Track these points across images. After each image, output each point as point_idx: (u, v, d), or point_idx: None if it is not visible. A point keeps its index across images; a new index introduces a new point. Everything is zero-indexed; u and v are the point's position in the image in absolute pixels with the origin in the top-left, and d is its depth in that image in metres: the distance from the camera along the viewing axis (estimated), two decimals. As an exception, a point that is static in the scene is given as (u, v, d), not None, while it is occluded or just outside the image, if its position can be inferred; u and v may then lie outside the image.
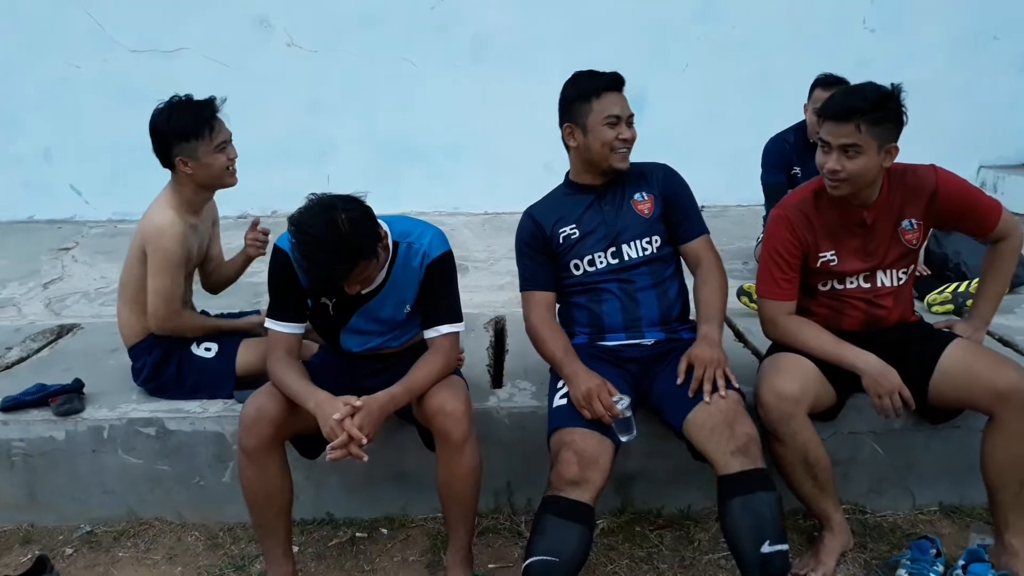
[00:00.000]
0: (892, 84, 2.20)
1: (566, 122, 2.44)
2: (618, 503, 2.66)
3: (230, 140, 2.61)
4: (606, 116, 2.37)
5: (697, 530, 2.57)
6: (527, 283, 2.50)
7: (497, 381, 2.85)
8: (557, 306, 2.54)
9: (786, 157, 3.94)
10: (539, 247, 2.48)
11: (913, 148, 2.35)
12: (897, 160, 2.28)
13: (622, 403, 2.18)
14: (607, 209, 2.46)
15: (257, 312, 2.98)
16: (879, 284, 2.43)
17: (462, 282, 2.39)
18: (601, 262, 2.45)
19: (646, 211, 2.46)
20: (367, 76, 5.49)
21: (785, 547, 2.04)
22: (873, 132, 2.16)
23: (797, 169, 3.91)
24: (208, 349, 2.69)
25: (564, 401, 2.28)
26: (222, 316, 2.92)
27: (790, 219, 2.39)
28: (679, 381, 2.26)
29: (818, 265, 2.41)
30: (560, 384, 2.33)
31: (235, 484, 2.28)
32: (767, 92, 5.22)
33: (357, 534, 2.62)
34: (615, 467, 2.22)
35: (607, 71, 2.42)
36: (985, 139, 5.55)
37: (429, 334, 2.29)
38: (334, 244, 1.97)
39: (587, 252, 2.45)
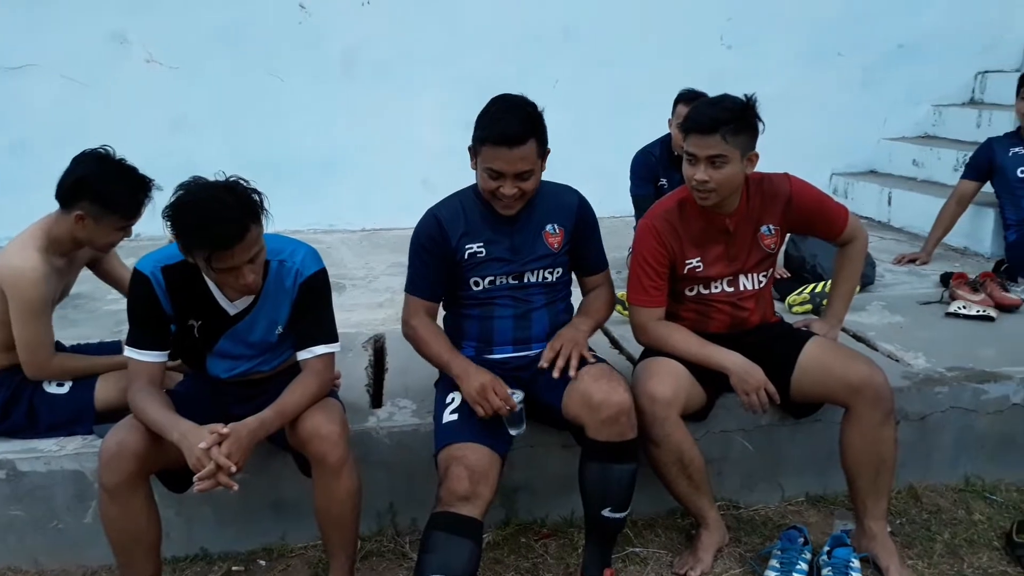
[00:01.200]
0: (745, 95, 2.32)
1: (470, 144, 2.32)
2: (503, 515, 2.66)
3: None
4: (486, 167, 2.26)
5: (581, 537, 2.59)
6: (414, 288, 2.43)
7: (377, 401, 2.80)
8: (444, 313, 2.52)
9: (652, 169, 4.08)
10: (438, 254, 2.37)
11: (771, 158, 2.48)
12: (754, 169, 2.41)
13: (517, 396, 2.23)
14: (517, 237, 2.39)
15: (118, 343, 2.83)
16: (742, 288, 2.54)
17: (339, 301, 2.34)
18: (501, 282, 2.42)
19: (556, 245, 2.43)
20: (233, 93, 5.31)
21: (623, 515, 2.31)
22: (735, 141, 2.28)
23: (664, 181, 4.06)
24: (61, 384, 2.52)
25: (455, 417, 2.26)
26: (79, 348, 2.75)
27: (656, 228, 2.47)
28: (543, 365, 2.33)
29: (685, 272, 2.49)
30: (448, 399, 2.31)
31: (98, 525, 2.14)
32: (632, 106, 5.37)
33: (233, 568, 2.51)
34: (501, 479, 2.22)
35: (510, 119, 2.20)
36: (835, 148, 5.91)
37: (302, 355, 2.23)
38: (227, 197, 1.94)
39: (490, 273, 2.40)
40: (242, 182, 2.01)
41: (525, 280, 2.42)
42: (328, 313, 2.27)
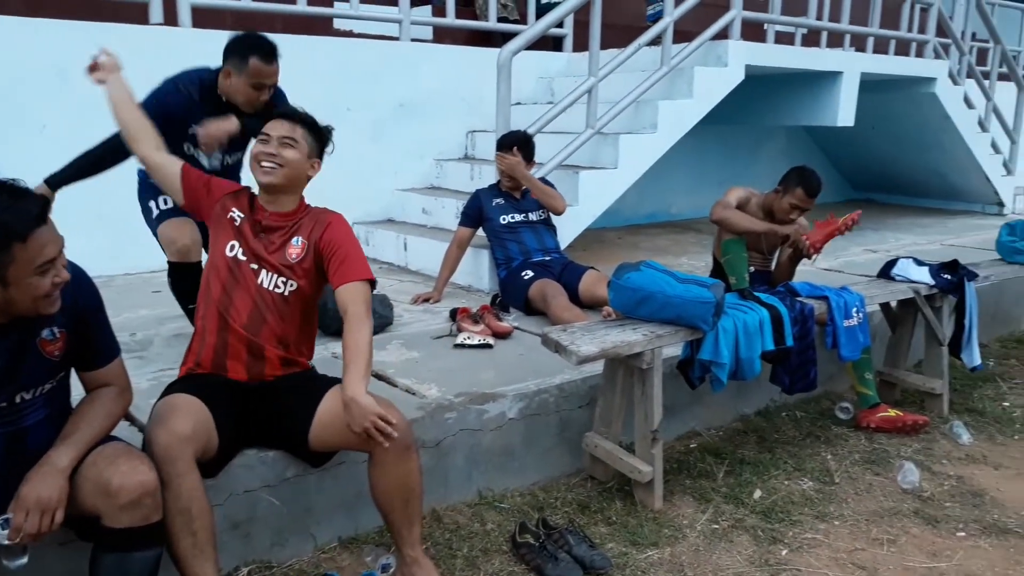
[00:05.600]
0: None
1: None
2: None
3: None
4: None
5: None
6: None
7: None
8: None
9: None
10: None
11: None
12: None
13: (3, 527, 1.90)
14: (5, 356, 1.93)
15: None
16: (270, 286, 2.61)
17: None
18: None
19: (56, 353, 2.03)
20: None
21: None
22: (306, 138, 2.65)
23: None
24: None
25: None
26: None
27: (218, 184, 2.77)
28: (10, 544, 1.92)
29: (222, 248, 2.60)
30: None
31: None
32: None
33: None
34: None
35: None
36: (355, 198, 6.13)
37: None
38: None
39: None
40: None
41: (18, 400, 2.00)
42: None
